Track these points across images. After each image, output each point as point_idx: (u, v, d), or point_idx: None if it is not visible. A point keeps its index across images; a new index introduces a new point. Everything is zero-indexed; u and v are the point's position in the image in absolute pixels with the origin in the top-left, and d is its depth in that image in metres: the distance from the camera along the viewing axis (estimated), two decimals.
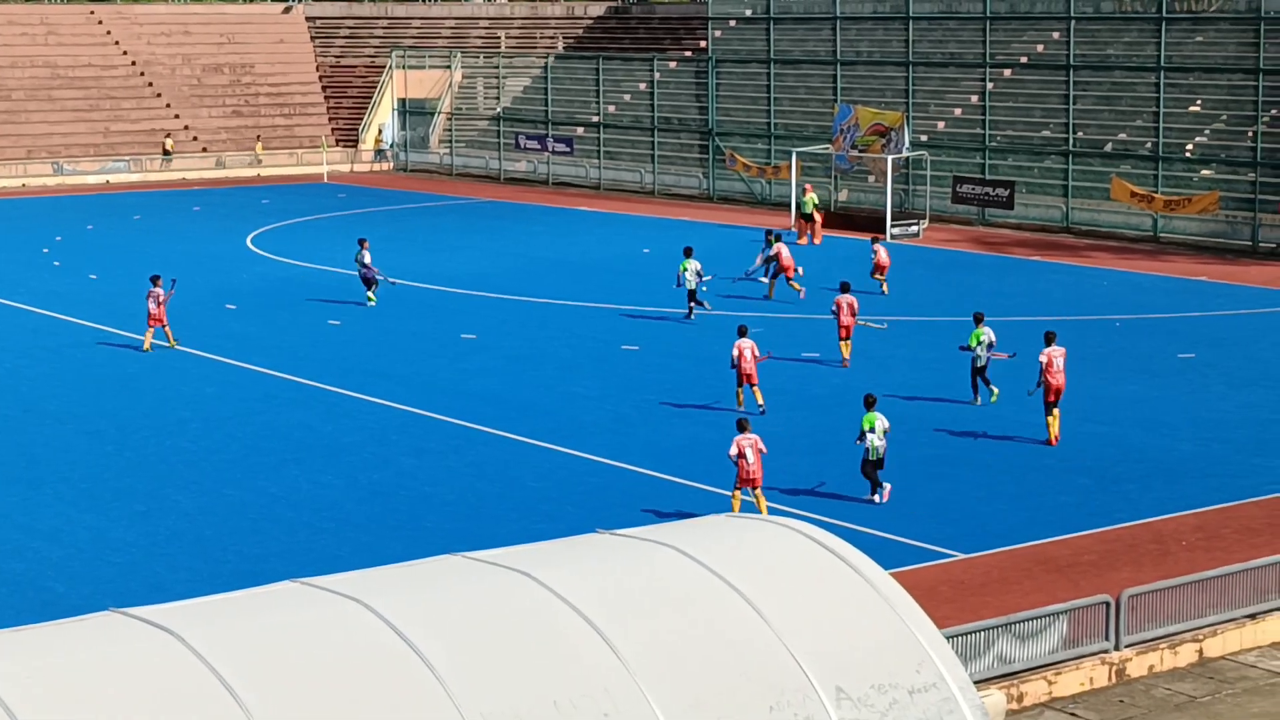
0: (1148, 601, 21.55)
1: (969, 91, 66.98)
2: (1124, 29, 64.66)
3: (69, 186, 78.40)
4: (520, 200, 71.96)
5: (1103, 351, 39.82)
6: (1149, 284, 49.93)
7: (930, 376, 37.05)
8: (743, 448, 26.22)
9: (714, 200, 70.34)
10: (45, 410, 34.98)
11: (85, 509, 27.89)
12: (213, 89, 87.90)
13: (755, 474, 26.30)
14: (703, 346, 40.64)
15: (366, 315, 45.24)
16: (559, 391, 35.35)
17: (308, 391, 36.50)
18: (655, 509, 26.73)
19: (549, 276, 51.22)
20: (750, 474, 26.28)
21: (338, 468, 30.25)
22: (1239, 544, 25.42)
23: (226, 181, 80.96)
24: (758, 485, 26.39)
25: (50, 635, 14.16)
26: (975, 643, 20.07)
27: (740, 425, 26.65)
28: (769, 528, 16.89)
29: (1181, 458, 30.63)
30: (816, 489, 28.59)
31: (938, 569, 24.54)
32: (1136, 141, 61.15)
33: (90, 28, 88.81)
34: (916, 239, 59.48)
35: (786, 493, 28.10)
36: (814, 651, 14.98)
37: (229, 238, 60.85)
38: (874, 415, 27.95)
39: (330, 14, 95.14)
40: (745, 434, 26.39)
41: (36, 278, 52.19)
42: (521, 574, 15.12)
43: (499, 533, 25.47)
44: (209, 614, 14.48)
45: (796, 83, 72.70)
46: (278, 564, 24.33)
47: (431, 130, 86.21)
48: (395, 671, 13.78)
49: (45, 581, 24.37)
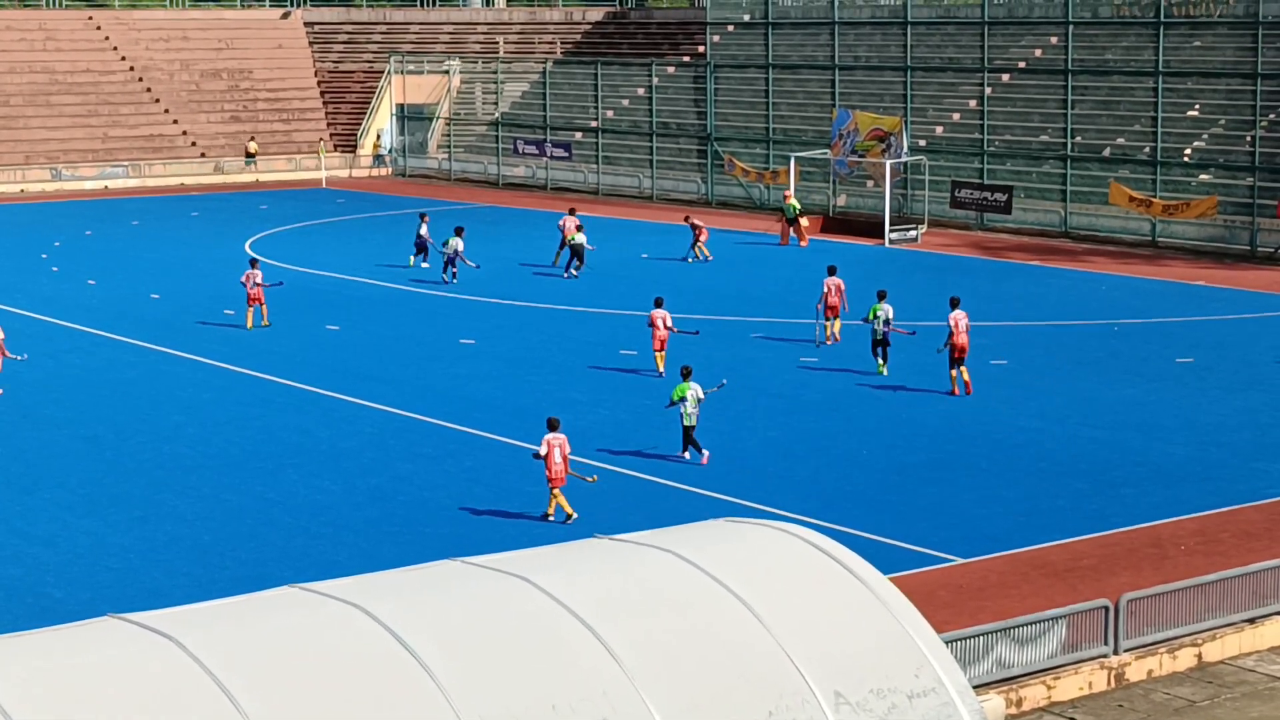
0: (1146, 606, 21.54)
1: (967, 96, 67.01)
2: (1122, 34, 64.69)
3: (67, 192, 78.39)
4: (518, 205, 71.96)
5: (1101, 356, 39.84)
6: (1147, 288, 49.95)
7: (927, 381, 37.04)
8: (551, 446, 26.33)
9: (713, 205, 70.33)
10: (42, 415, 34.96)
11: (83, 514, 27.87)
12: (211, 94, 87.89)
13: (560, 474, 26.41)
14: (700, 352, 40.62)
15: (364, 321, 45.24)
16: (556, 396, 35.33)
17: (305, 396, 36.49)
18: (652, 513, 26.69)
19: (547, 281, 51.23)
20: (555, 474, 26.39)
21: (335, 473, 30.23)
22: (1238, 548, 25.41)
23: (225, 187, 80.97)
24: (559, 484, 26.50)
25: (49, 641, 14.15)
26: (974, 647, 20.06)
27: (550, 424, 26.76)
28: (766, 532, 16.89)
29: (1180, 462, 30.62)
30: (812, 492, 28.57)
31: (936, 573, 24.53)
32: (1135, 146, 61.17)
33: (88, 33, 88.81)
34: (915, 244, 59.50)
35: (784, 497, 28.09)
36: (812, 656, 14.98)
37: (227, 243, 60.84)
38: (687, 385, 30.20)
39: (328, 19, 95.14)
40: (554, 433, 26.49)
41: (35, 283, 52.17)
42: (519, 579, 15.12)
43: (496, 537, 25.46)
44: (207, 619, 14.47)
45: (795, 88, 72.71)
46: (275, 569, 24.31)
47: (430, 135, 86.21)
48: (393, 676, 13.77)
49: (43, 587, 24.35)
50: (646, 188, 74.46)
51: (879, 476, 29.72)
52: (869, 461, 30.76)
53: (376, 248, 59.19)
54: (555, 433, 26.62)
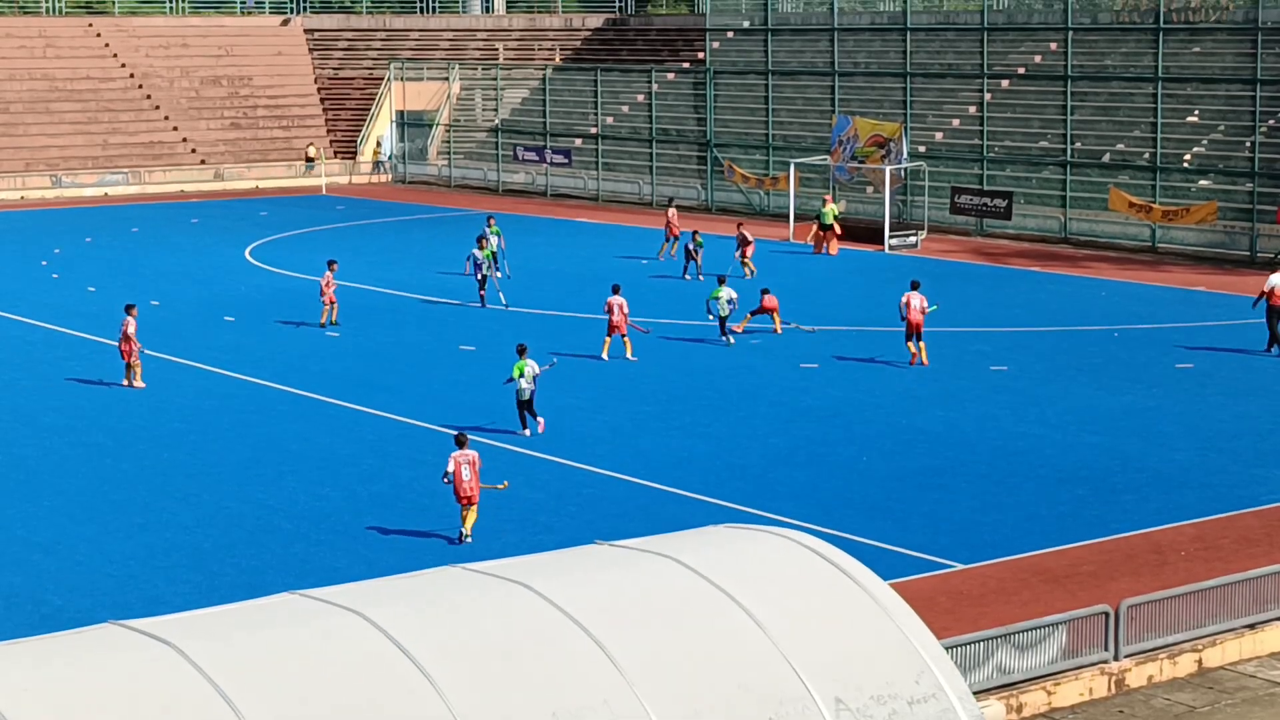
0: (1147, 612, 21.54)
1: (967, 102, 67.04)
2: (1121, 39, 64.72)
3: (67, 199, 78.40)
4: (518, 212, 71.96)
5: (1100, 361, 39.85)
6: (1147, 294, 49.96)
7: (926, 387, 37.07)
8: (459, 464, 25.85)
9: (713, 211, 70.35)
10: (43, 423, 34.96)
11: (83, 521, 27.87)
12: (211, 101, 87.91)
13: (472, 491, 25.88)
14: (700, 358, 40.65)
15: (365, 327, 45.24)
16: (556, 403, 35.33)
17: (306, 403, 36.50)
18: (652, 520, 26.68)
19: (547, 288, 51.23)
20: (466, 492, 25.87)
21: (336, 479, 30.24)
22: (1237, 554, 25.42)
23: (224, 194, 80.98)
24: (473, 503, 25.96)
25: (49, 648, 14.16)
26: (974, 653, 20.06)
27: (458, 441, 26.33)
28: (767, 538, 16.90)
29: (1179, 468, 30.63)
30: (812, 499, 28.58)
31: (936, 579, 24.53)
32: (1134, 152, 61.20)
33: (88, 40, 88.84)
34: (915, 250, 59.51)
35: (784, 503, 28.10)
36: (813, 662, 14.98)
37: (227, 250, 60.87)
38: (524, 362, 32.58)
39: (328, 26, 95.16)
40: (463, 451, 26.03)
41: (35, 290, 52.18)
42: (520, 585, 15.12)
43: (496, 543, 25.48)
44: (208, 626, 14.48)
45: (794, 94, 72.75)
46: (276, 576, 24.32)
47: (430, 142, 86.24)
48: (394, 683, 13.78)
49: (43, 594, 24.35)
50: (646, 194, 74.46)
51: (879, 482, 29.73)
52: (869, 468, 30.77)
53: (376, 254, 59.21)
54: (464, 450, 26.16)
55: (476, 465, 26.04)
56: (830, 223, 58.68)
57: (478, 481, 26.00)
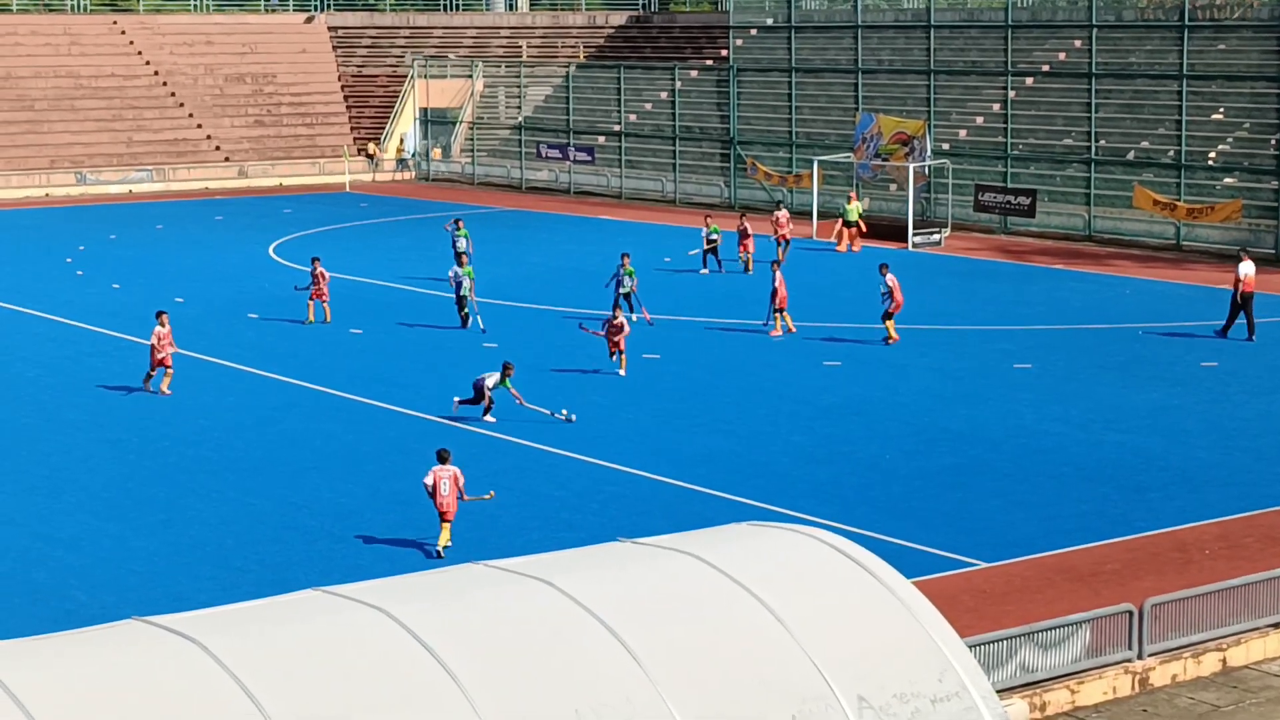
0: (1171, 610, 21.48)
1: (991, 100, 66.91)
2: (1146, 37, 64.55)
3: (92, 196, 78.60)
4: (542, 209, 72.01)
5: (1124, 359, 39.74)
6: (1172, 292, 49.83)
7: (951, 385, 37.01)
8: (439, 478, 25.60)
9: (735, 209, 70.27)
10: (66, 419, 35.06)
11: (107, 518, 27.94)
12: (235, 99, 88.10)
13: (449, 507, 25.56)
14: (722, 355, 40.64)
15: (387, 324, 45.29)
16: (579, 399, 35.35)
17: (329, 400, 36.55)
18: (675, 517, 26.69)
19: (570, 285, 51.24)
20: (444, 506, 25.55)
21: (359, 476, 30.28)
22: (1262, 552, 25.34)
23: (248, 191, 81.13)
24: (449, 519, 25.61)
25: (73, 644, 14.19)
26: (997, 651, 20.02)
27: (440, 456, 26.01)
28: (789, 536, 16.88)
29: (1204, 466, 30.54)
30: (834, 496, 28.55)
31: (959, 578, 24.49)
32: (1159, 149, 61.03)
33: (113, 38, 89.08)
34: (938, 247, 59.42)
35: (806, 501, 28.07)
36: (836, 660, 14.96)
37: (251, 247, 60.98)
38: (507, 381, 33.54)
39: (352, 23, 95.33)
40: (444, 465, 25.76)
41: (59, 287, 52.32)
42: (543, 582, 15.12)
43: (519, 541, 25.48)
44: (232, 622, 14.50)
45: (818, 91, 72.68)
46: (299, 573, 24.35)
47: (453, 139, 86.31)
48: (417, 680, 13.79)
49: (67, 590, 24.41)
50: (669, 191, 74.46)
51: (902, 481, 29.69)
52: (892, 466, 30.72)
53: (399, 251, 59.27)
54: (445, 465, 25.91)
55: (457, 481, 25.71)
56: (854, 220, 58.64)
57: (455, 499, 25.67)
